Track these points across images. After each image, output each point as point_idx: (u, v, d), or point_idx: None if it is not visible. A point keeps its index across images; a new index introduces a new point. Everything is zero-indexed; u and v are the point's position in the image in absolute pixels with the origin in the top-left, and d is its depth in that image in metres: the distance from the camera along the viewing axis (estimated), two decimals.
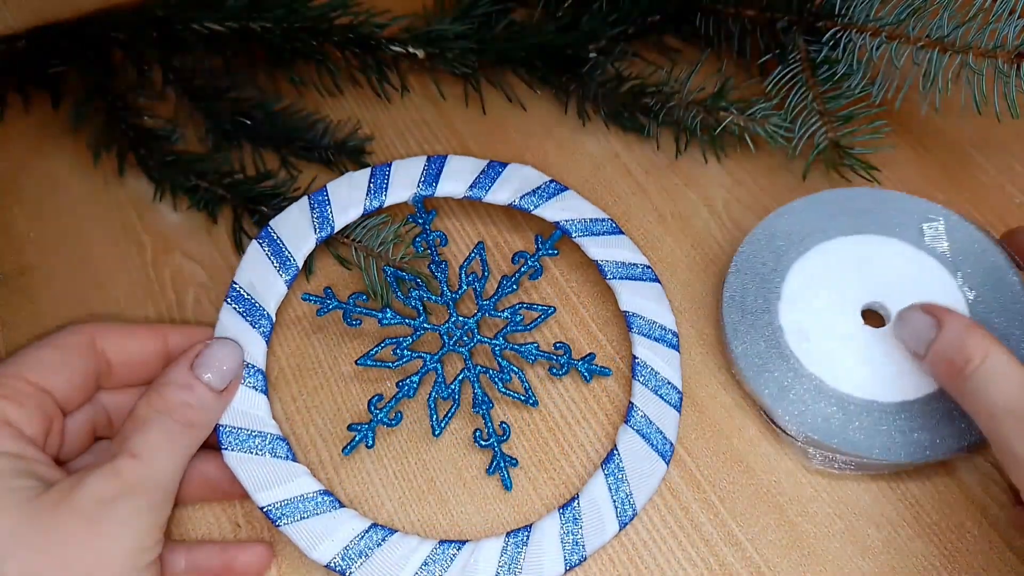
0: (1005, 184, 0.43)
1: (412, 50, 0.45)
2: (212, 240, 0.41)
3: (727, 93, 0.41)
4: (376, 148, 0.44)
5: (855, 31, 0.40)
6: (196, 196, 0.41)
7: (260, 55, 0.45)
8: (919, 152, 0.44)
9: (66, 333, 0.31)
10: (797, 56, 0.42)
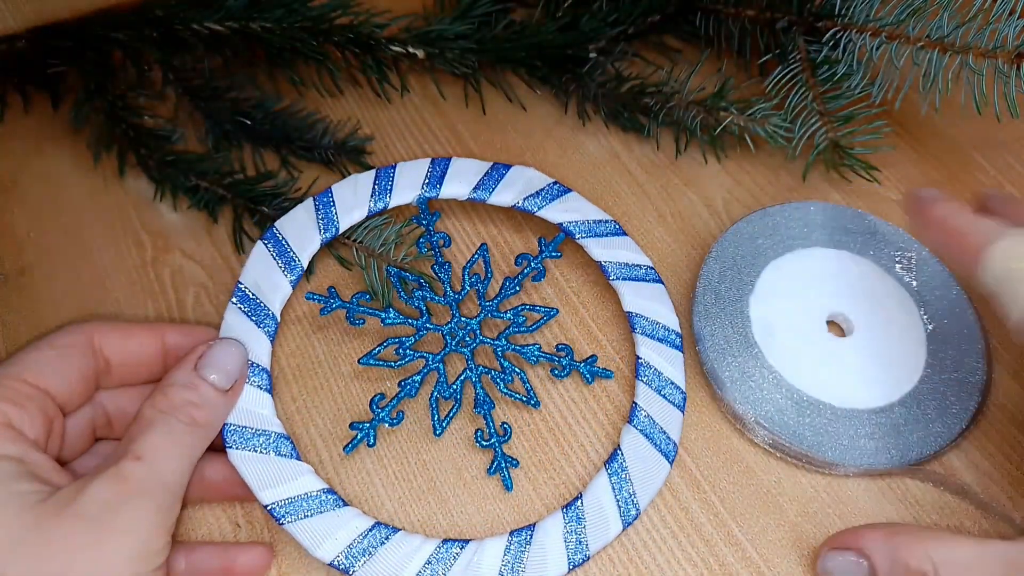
0: (1005, 184, 0.43)
1: (412, 50, 0.45)
2: (212, 240, 0.41)
3: (727, 93, 0.41)
4: (376, 148, 0.44)
5: (855, 31, 0.40)
6: (196, 196, 0.41)
7: (260, 55, 0.45)
8: (919, 152, 0.44)
9: (64, 333, 0.31)
10: (797, 56, 0.42)
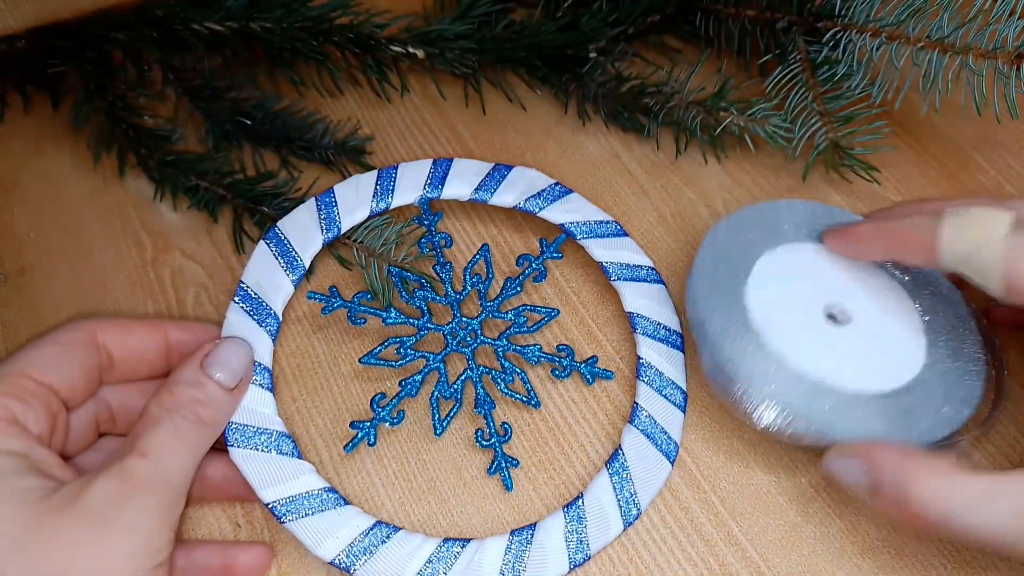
0: (1005, 184, 0.43)
1: (412, 50, 0.45)
2: (212, 240, 0.41)
3: (727, 93, 0.41)
4: (376, 148, 0.44)
5: (855, 31, 0.40)
6: (196, 196, 0.41)
7: (260, 55, 0.45)
8: (919, 152, 0.44)
9: (67, 329, 0.31)
10: (797, 56, 0.42)
